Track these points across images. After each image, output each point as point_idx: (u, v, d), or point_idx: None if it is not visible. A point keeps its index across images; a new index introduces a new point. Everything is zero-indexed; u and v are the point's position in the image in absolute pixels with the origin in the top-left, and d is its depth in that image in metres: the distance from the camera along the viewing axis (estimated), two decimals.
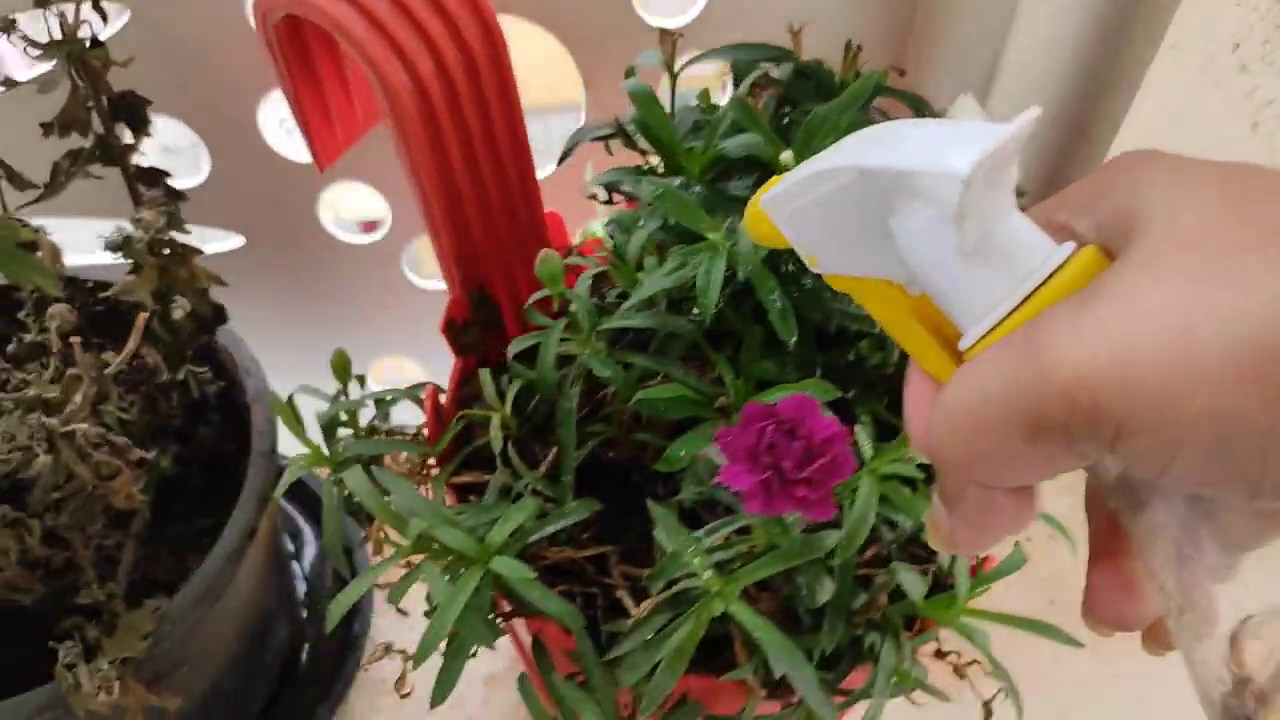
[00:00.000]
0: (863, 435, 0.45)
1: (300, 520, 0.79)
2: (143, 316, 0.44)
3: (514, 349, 0.52)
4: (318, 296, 0.78)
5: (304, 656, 0.73)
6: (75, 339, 0.42)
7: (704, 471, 0.47)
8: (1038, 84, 0.64)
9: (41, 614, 0.55)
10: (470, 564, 0.45)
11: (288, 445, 0.58)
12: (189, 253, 0.47)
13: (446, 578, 0.45)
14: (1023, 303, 0.25)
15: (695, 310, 0.52)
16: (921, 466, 0.46)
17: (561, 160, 0.57)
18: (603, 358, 0.49)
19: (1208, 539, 0.24)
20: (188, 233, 0.47)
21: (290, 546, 0.77)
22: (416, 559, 0.48)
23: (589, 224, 0.67)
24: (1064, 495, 0.45)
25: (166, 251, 0.46)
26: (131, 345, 0.45)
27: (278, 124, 0.67)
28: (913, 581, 0.44)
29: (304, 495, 0.80)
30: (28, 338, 0.56)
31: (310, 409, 0.56)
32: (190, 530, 0.59)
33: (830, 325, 0.49)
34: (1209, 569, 0.24)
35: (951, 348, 0.28)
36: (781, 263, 0.49)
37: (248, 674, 0.66)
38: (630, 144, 0.54)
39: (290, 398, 0.56)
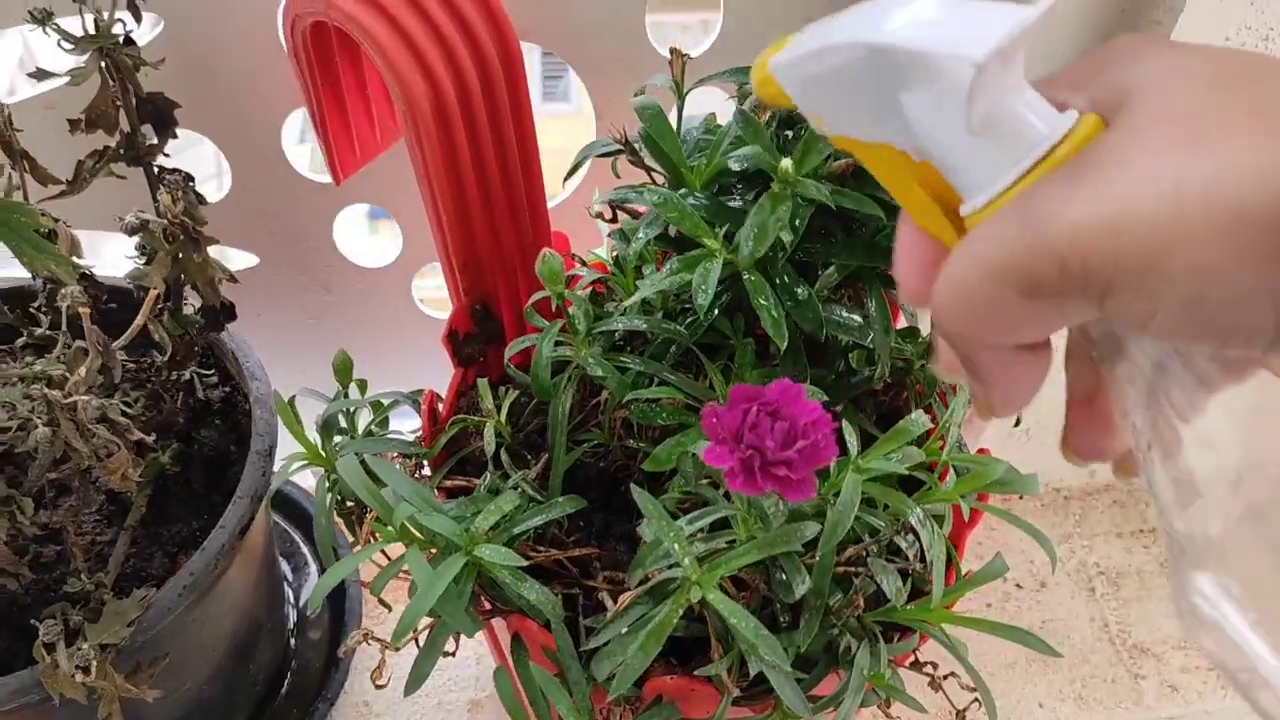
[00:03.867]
0: (850, 435, 0.45)
1: (304, 548, 0.79)
2: (154, 293, 0.46)
3: (512, 349, 0.52)
4: (326, 317, 0.80)
5: (288, 678, 0.73)
6: (85, 309, 0.43)
7: (692, 472, 0.47)
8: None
9: (25, 605, 0.55)
10: (454, 550, 0.45)
11: (285, 450, 0.59)
12: (204, 240, 0.49)
13: (429, 565, 0.45)
14: (1025, 174, 0.26)
15: (688, 320, 0.53)
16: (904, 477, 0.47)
17: (569, 175, 0.58)
18: (598, 359, 0.50)
19: (1177, 383, 0.26)
20: (204, 222, 0.49)
21: (289, 574, 0.77)
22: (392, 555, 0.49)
23: (594, 251, 0.68)
24: None
25: (181, 237, 0.47)
26: (140, 320, 0.46)
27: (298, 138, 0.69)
28: (892, 582, 0.44)
29: (307, 524, 0.80)
30: (39, 331, 0.58)
31: (310, 415, 0.57)
32: (185, 530, 0.60)
33: (821, 334, 0.50)
34: (1177, 409, 0.26)
35: (952, 213, 0.29)
36: (776, 274, 0.50)
37: (229, 685, 0.66)
38: (636, 160, 0.56)
39: (291, 399, 0.57)
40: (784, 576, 0.44)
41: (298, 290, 0.79)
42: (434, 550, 0.47)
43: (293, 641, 0.74)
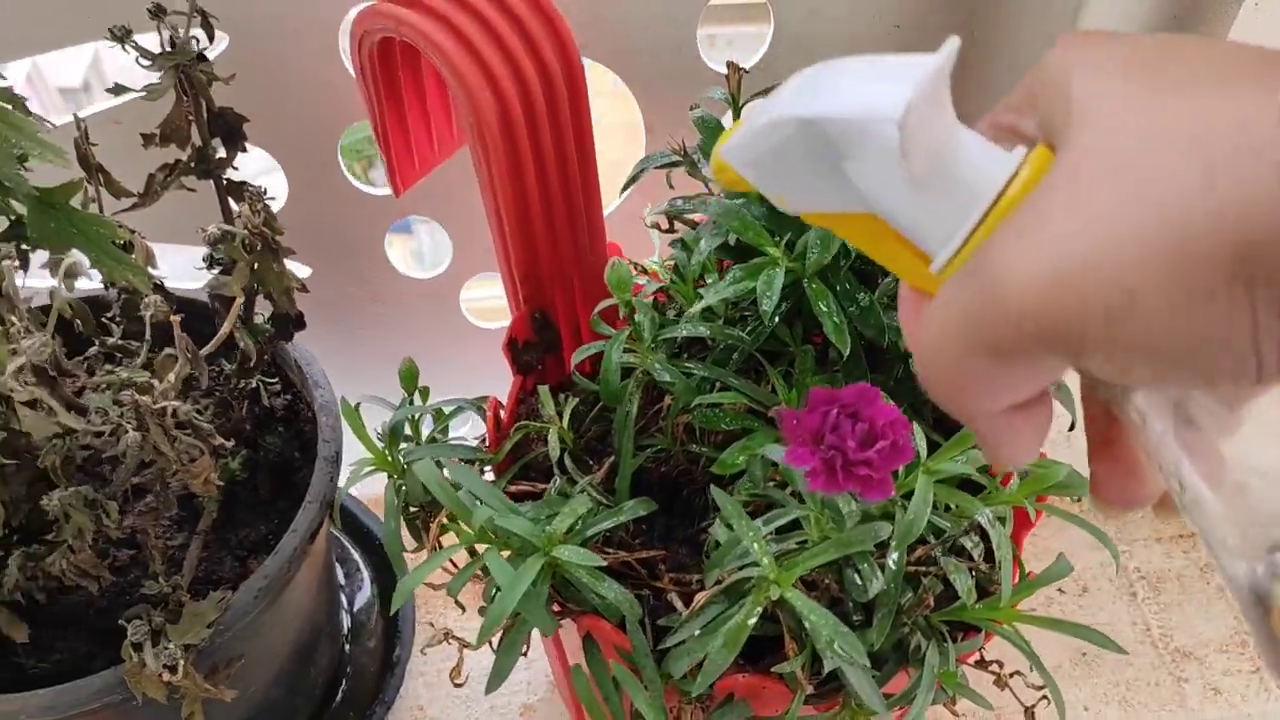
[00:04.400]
0: (919, 435, 0.46)
1: (355, 555, 0.81)
2: (238, 301, 0.47)
3: (578, 356, 0.54)
4: (377, 328, 0.81)
5: (344, 683, 0.74)
6: (175, 317, 0.44)
7: (760, 473, 0.49)
8: None
9: (101, 609, 0.57)
10: (532, 551, 0.46)
11: (349, 458, 0.60)
12: (281, 250, 0.50)
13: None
14: (978, 225, 0.26)
15: (749, 328, 0.54)
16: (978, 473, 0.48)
17: (626, 187, 0.60)
18: (665, 363, 0.51)
19: (1200, 408, 0.25)
20: (281, 232, 0.50)
21: (342, 580, 0.79)
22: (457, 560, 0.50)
23: (649, 260, 0.69)
24: None
25: (260, 247, 0.48)
26: (226, 328, 0.48)
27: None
28: (964, 581, 0.45)
29: (359, 532, 0.81)
30: (111, 340, 0.59)
31: (372, 423, 0.58)
32: (254, 535, 0.61)
33: (883, 340, 0.51)
34: (1207, 432, 0.25)
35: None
36: (837, 281, 0.51)
37: (292, 689, 0.67)
38: (694, 172, 0.57)
39: (356, 406, 0.58)
40: (858, 576, 0.45)
41: (348, 301, 0.80)
42: (508, 552, 0.49)
43: (348, 647, 0.75)
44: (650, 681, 0.47)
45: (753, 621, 0.43)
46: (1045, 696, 0.48)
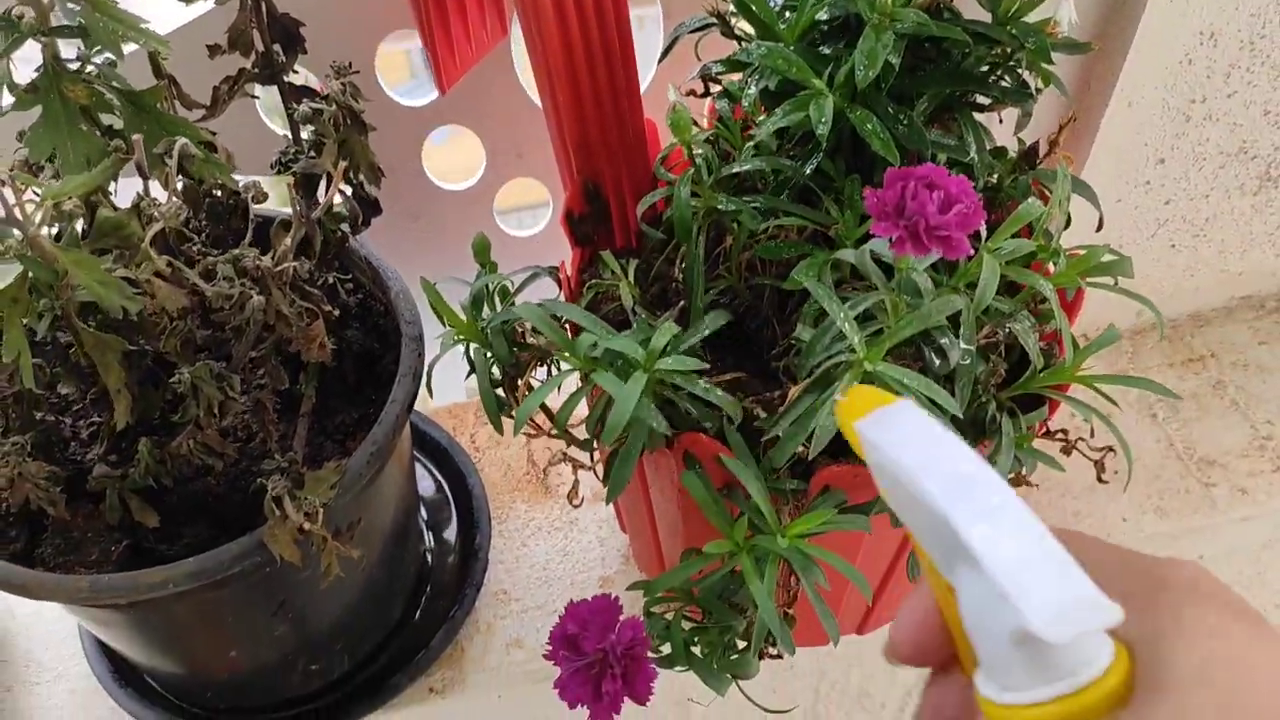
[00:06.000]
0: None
1: (423, 460, 0.84)
2: (342, 165, 0.51)
3: (644, 203, 0.58)
4: (417, 245, 0.84)
5: (431, 572, 0.78)
6: (288, 178, 0.48)
7: (830, 284, 0.53)
8: None
9: (220, 497, 0.60)
10: (636, 368, 0.50)
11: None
12: (364, 126, 0.54)
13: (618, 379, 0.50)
14: (1046, 702, 0.27)
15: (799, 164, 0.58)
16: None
17: (663, 56, 0.64)
18: (728, 197, 0.56)
19: None
20: (363, 108, 0.54)
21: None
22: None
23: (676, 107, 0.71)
24: None
25: (348, 122, 0.52)
26: (332, 191, 0.51)
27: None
28: (1033, 342, 0.50)
29: (420, 440, 0.85)
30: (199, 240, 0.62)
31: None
32: (348, 420, 0.64)
33: (927, 155, 0.55)
34: None
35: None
36: (879, 105, 0.55)
37: (392, 571, 0.71)
38: (727, 30, 0.61)
39: (434, 285, 0.62)
40: (935, 355, 0.49)
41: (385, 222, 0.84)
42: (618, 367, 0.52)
43: (429, 538, 0.79)
44: (756, 478, 0.51)
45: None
46: (1111, 449, 0.53)
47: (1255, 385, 0.87)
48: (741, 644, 0.57)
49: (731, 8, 0.60)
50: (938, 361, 0.50)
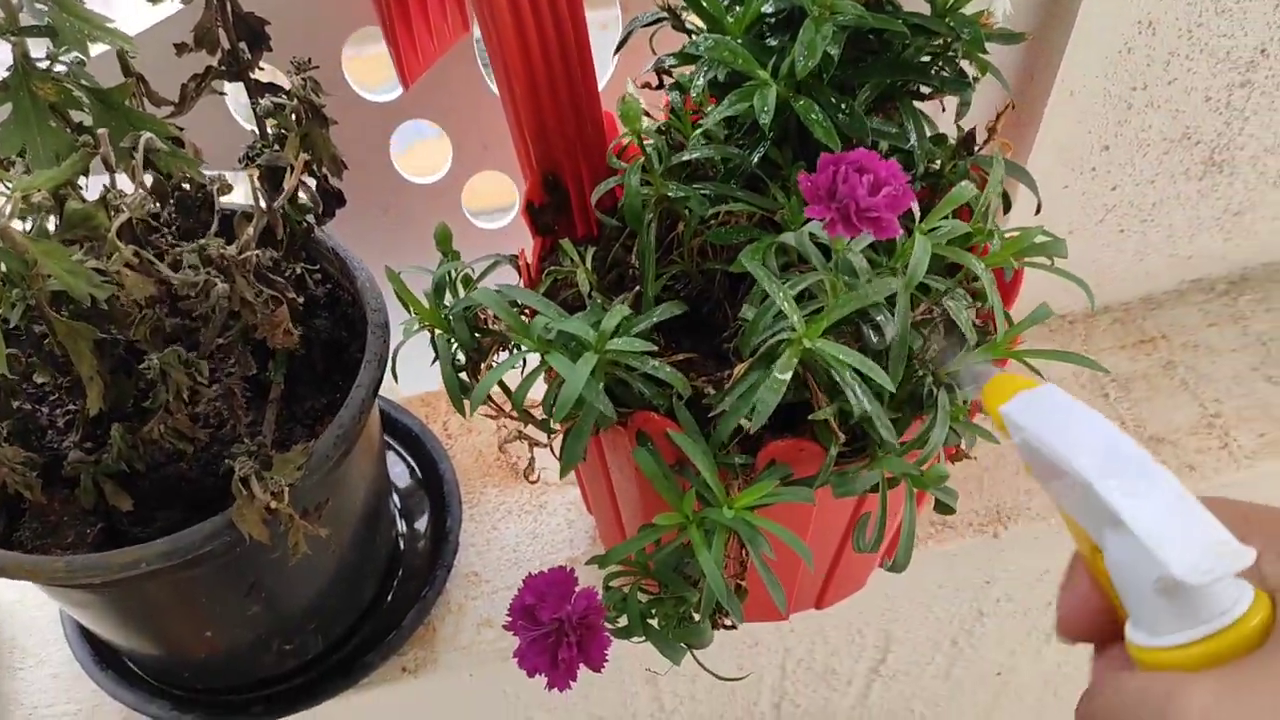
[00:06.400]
0: (914, 205, 0.53)
1: (389, 441, 0.87)
2: (303, 158, 0.53)
3: (599, 191, 0.60)
4: (382, 236, 0.86)
5: (402, 555, 0.80)
6: (252, 171, 0.50)
7: (774, 265, 0.55)
8: None
9: (192, 481, 0.62)
10: (588, 349, 0.53)
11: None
12: (325, 120, 0.56)
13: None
14: (1190, 643, 0.30)
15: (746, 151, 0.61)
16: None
17: (618, 49, 0.66)
18: (678, 185, 0.58)
19: None
20: (324, 103, 0.56)
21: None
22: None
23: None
24: None
25: (309, 116, 0.54)
26: (293, 181, 0.53)
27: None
28: (966, 317, 0.52)
29: (391, 426, 0.87)
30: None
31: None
32: (316, 406, 0.67)
33: (868, 143, 0.57)
34: None
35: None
36: (821, 95, 0.58)
37: (363, 554, 0.73)
38: (678, 24, 0.63)
39: (398, 275, 0.64)
40: (872, 332, 0.52)
41: (355, 215, 0.85)
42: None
43: (400, 523, 0.81)
44: (703, 454, 0.53)
45: (787, 376, 0.50)
46: None
47: (1204, 365, 0.90)
48: (696, 615, 0.60)
49: (682, 2, 0.62)
50: (875, 338, 0.52)
